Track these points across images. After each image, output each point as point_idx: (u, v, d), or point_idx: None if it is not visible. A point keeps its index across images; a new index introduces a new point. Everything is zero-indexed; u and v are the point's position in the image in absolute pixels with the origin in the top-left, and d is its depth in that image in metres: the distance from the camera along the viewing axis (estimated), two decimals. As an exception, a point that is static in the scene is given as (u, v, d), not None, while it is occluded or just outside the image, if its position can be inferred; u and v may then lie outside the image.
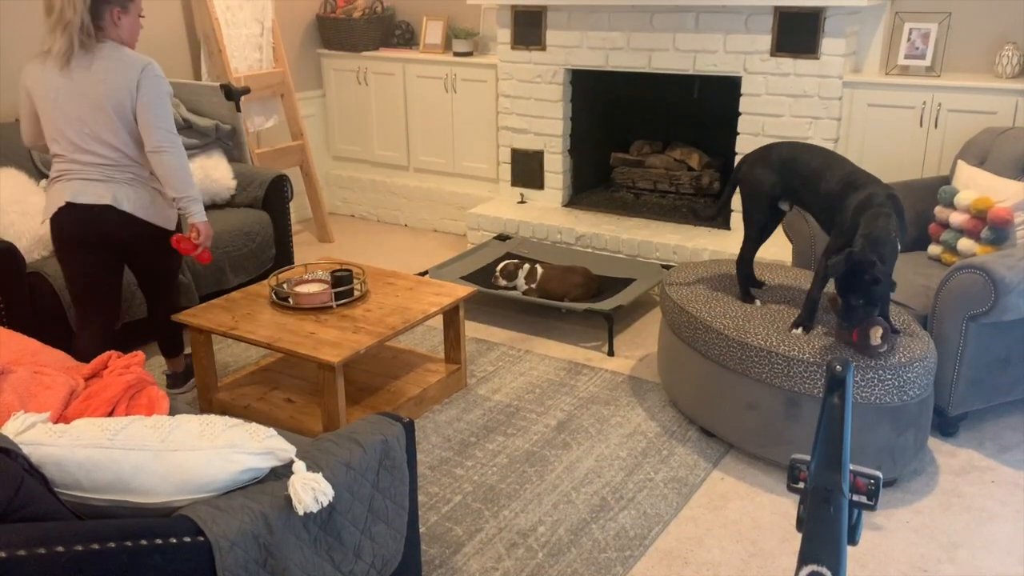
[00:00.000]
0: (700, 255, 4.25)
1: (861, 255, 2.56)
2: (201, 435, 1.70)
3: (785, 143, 3.10)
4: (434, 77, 5.25)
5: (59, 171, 2.94)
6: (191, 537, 1.56)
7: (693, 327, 3.03)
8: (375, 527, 1.94)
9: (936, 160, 3.96)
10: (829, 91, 4.08)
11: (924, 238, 3.57)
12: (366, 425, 2.02)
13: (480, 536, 2.60)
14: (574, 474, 2.91)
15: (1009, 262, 2.87)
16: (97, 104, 2.83)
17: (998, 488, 2.81)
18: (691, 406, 3.16)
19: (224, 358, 3.77)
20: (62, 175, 2.93)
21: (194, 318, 3.14)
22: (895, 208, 2.69)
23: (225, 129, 4.41)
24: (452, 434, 3.16)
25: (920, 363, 2.68)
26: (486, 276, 4.24)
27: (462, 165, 5.36)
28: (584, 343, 3.90)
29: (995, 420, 3.19)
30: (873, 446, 2.71)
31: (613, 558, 2.50)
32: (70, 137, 2.87)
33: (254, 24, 4.98)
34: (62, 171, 2.93)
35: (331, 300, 3.22)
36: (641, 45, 4.45)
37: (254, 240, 4.16)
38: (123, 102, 2.84)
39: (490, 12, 5.10)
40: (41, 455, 1.61)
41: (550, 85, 4.79)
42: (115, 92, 2.82)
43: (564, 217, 4.80)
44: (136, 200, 2.94)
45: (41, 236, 3.57)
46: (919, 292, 3.14)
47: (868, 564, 2.47)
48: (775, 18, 4.08)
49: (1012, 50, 3.83)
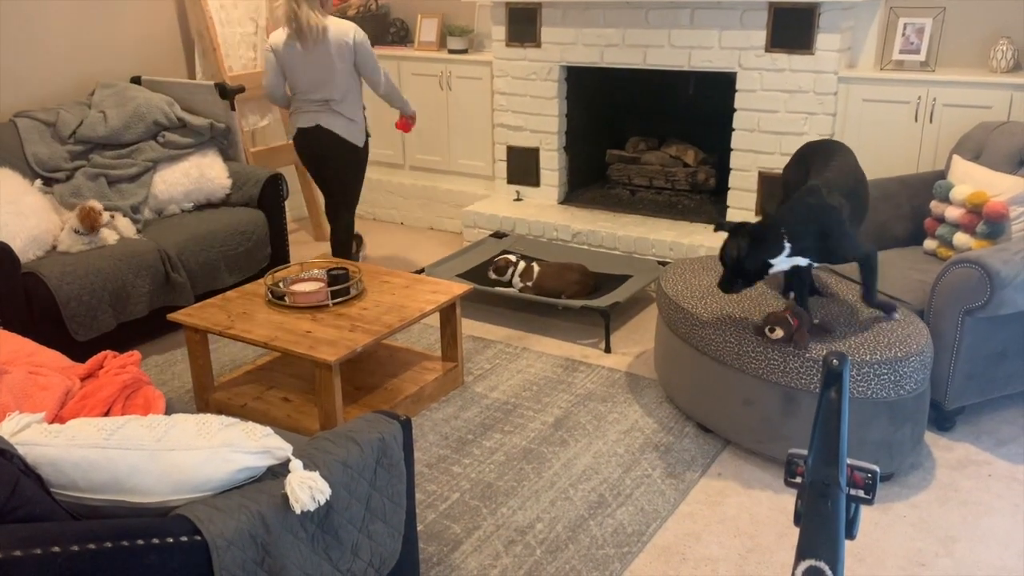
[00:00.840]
0: (696, 251, 4.25)
1: (738, 225, 2.75)
2: (197, 434, 1.70)
3: (818, 141, 3.09)
4: (429, 75, 5.24)
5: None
6: (188, 537, 1.55)
7: (689, 323, 3.03)
8: (373, 525, 1.93)
9: (931, 155, 3.96)
10: (824, 86, 4.08)
11: (920, 233, 3.57)
12: (363, 423, 2.02)
13: (478, 534, 2.60)
14: (572, 471, 2.91)
15: (1005, 256, 2.87)
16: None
17: (995, 482, 2.82)
18: (688, 402, 3.16)
19: (220, 357, 3.76)
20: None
21: (190, 317, 3.14)
22: (826, 202, 2.71)
23: (220, 128, 4.41)
24: (449, 432, 3.16)
25: (916, 357, 2.69)
26: (482, 274, 4.24)
27: (458, 163, 5.36)
28: (581, 340, 3.90)
29: (992, 414, 3.20)
30: (870, 440, 2.71)
31: (611, 554, 2.50)
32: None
33: (248, 23, 4.97)
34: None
35: (327, 299, 3.21)
36: (636, 42, 4.44)
37: (250, 239, 4.15)
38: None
39: (485, 9, 5.10)
40: (36, 455, 1.61)
41: (545, 82, 4.78)
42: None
43: (560, 214, 4.79)
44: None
45: (37, 236, 3.57)
46: (915, 287, 3.14)
47: (866, 558, 2.48)
48: (770, 14, 4.08)
49: (1007, 44, 3.83)
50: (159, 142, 4.26)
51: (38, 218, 3.61)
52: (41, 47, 4.23)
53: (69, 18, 4.32)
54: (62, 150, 4.06)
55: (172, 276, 3.80)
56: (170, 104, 4.34)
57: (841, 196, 2.74)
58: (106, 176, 4.06)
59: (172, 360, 3.75)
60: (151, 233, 3.92)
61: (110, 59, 4.54)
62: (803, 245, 2.70)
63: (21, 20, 4.12)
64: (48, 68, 4.28)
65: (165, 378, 3.59)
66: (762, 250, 2.70)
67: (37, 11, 4.18)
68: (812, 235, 2.70)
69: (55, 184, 3.98)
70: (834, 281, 3.22)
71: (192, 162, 4.26)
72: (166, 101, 4.34)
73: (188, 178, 4.21)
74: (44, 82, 4.27)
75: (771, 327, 2.75)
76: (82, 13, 4.37)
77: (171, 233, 3.92)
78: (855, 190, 2.84)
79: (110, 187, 4.05)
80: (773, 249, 2.69)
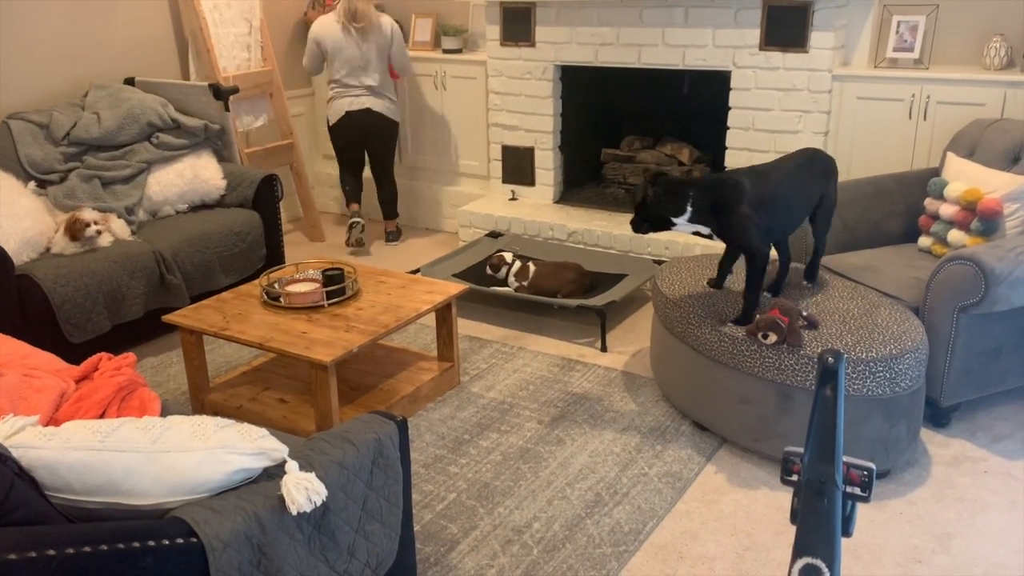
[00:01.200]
0: (692, 250, 4.25)
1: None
2: (193, 436, 1.69)
3: (814, 150, 3.17)
4: (424, 74, 5.24)
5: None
6: (184, 539, 1.55)
7: (685, 322, 3.03)
8: (369, 526, 1.93)
9: (926, 152, 3.97)
10: (818, 84, 4.08)
11: (914, 230, 3.58)
12: (359, 424, 2.02)
13: (475, 534, 2.60)
14: (568, 470, 2.91)
15: (999, 253, 2.88)
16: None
17: (991, 478, 2.82)
18: (684, 401, 3.16)
19: (216, 359, 3.76)
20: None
21: (185, 319, 3.13)
22: (732, 179, 2.88)
23: (214, 129, 4.40)
24: (446, 432, 3.16)
25: (912, 354, 2.69)
26: (478, 273, 4.23)
27: (453, 163, 5.35)
28: (577, 339, 3.90)
29: (987, 410, 3.20)
30: (866, 438, 2.71)
31: (608, 553, 2.50)
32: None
33: (242, 23, 4.96)
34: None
35: (323, 299, 3.21)
36: (630, 40, 4.45)
37: (244, 240, 4.14)
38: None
39: (479, 9, 5.09)
40: (31, 458, 1.60)
41: (540, 81, 4.78)
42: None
43: (555, 213, 4.79)
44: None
45: (31, 239, 3.56)
46: (910, 284, 3.14)
47: (863, 556, 2.48)
48: (764, 12, 4.08)
49: (1000, 42, 3.84)
50: (153, 143, 4.25)
51: (32, 220, 3.61)
52: (34, 49, 4.21)
53: (62, 19, 4.31)
54: (56, 152, 4.05)
55: (167, 277, 3.79)
56: (164, 105, 4.33)
57: (759, 185, 2.86)
58: (100, 178, 4.05)
59: (167, 362, 3.74)
60: (146, 235, 3.91)
61: (103, 60, 4.53)
62: (703, 216, 2.86)
63: (14, 21, 4.11)
64: (41, 69, 4.27)
65: (160, 380, 3.58)
66: (667, 204, 2.87)
67: (30, 13, 4.17)
68: (710, 207, 2.84)
69: (49, 186, 3.97)
70: (829, 277, 3.22)
71: (186, 163, 4.25)
72: (160, 102, 4.33)
73: (183, 179, 4.20)
74: (37, 84, 4.26)
75: (764, 333, 2.74)
76: (75, 14, 4.36)
77: (166, 234, 3.92)
78: (787, 193, 2.93)
79: (104, 189, 4.04)
80: (676, 208, 2.86)
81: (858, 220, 3.60)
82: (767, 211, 2.86)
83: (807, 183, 3.00)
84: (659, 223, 2.90)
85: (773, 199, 2.88)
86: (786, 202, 2.94)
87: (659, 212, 2.86)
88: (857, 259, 3.41)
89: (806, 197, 3.02)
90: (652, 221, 2.90)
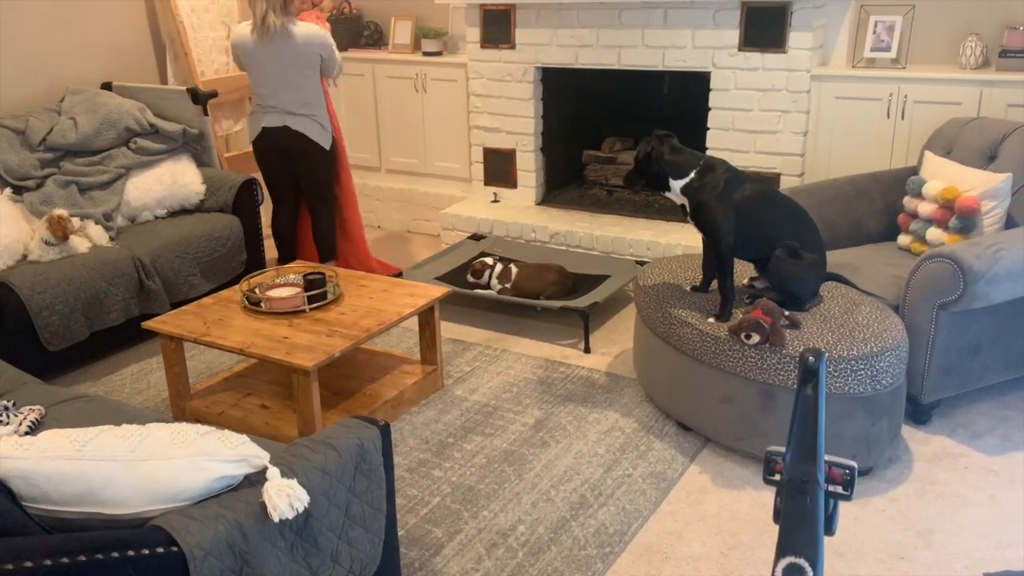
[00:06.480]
0: (673, 250, 4.26)
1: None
2: (172, 444, 1.68)
3: (785, 197, 3.19)
4: (404, 77, 5.23)
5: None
6: (164, 548, 1.53)
7: (668, 322, 3.04)
8: (352, 532, 1.92)
9: (904, 151, 4.00)
10: (797, 85, 4.10)
11: (893, 228, 3.60)
12: (341, 429, 2.01)
13: (460, 537, 2.59)
14: (553, 472, 2.90)
15: (977, 251, 2.90)
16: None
17: (971, 474, 2.85)
18: (667, 401, 3.17)
19: (197, 365, 3.73)
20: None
21: (165, 325, 3.10)
22: (727, 170, 2.95)
23: (192, 133, 4.36)
24: (430, 435, 3.15)
25: (892, 352, 2.71)
26: (461, 276, 4.23)
27: (434, 165, 5.34)
28: (560, 341, 3.90)
29: (967, 407, 3.23)
30: (848, 436, 2.73)
31: (593, 555, 2.50)
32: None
33: (220, 27, 4.93)
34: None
35: (304, 304, 3.19)
36: (610, 42, 4.45)
37: (224, 245, 4.11)
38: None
39: (459, 11, 5.09)
40: (8, 468, 1.58)
41: (520, 84, 4.78)
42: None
43: (538, 215, 4.79)
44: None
45: (7, 246, 3.52)
46: (890, 282, 3.16)
47: (846, 553, 2.49)
48: (742, 13, 4.10)
49: (975, 41, 3.88)
50: (131, 148, 4.22)
51: (8, 227, 3.56)
52: (9, 53, 4.17)
53: (38, 23, 4.27)
54: (32, 158, 4.01)
55: (146, 284, 3.76)
56: (142, 110, 4.29)
57: (751, 197, 2.93)
58: (77, 184, 4.01)
59: (148, 368, 3.71)
60: (124, 241, 3.88)
61: (80, 65, 4.49)
62: (695, 189, 2.92)
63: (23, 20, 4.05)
64: (16, 74, 4.22)
65: (141, 387, 3.54)
66: (671, 166, 2.93)
67: (4, 16, 4.12)
68: (706, 183, 2.91)
69: (25, 192, 3.92)
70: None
71: (165, 168, 4.22)
72: (137, 107, 4.29)
73: (161, 184, 4.16)
74: (12, 88, 4.21)
75: (747, 334, 2.75)
76: (51, 18, 4.32)
77: (145, 240, 3.88)
78: (761, 221, 2.97)
79: (82, 195, 4.00)
80: (679, 171, 2.93)
81: (838, 219, 3.62)
82: (740, 220, 2.94)
83: (783, 225, 3.00)
84: (655, 182, 2.95)
85: (749, 216, 2.95)
86: (757, 227, 2.98)
87: (663, 170, 2.92)
88: (837, 258, 3.43)
89: (772, 234, 2.99)
90: (650, 178, 2.95)
